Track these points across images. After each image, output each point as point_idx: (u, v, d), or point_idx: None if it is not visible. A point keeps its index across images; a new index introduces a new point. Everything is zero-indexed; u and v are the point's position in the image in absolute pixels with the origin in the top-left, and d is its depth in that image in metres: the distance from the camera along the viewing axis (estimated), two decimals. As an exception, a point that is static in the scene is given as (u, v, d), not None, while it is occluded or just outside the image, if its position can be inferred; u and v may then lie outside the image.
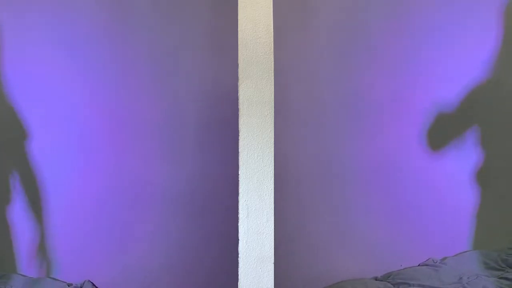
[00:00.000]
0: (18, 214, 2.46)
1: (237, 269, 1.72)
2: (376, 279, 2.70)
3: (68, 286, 2.45)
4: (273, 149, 1.73)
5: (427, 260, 2.86)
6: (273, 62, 1.71)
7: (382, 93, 2.71)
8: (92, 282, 2.47)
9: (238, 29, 1.71)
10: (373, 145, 2.72)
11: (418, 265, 2.83)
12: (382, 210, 2.77)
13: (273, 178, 1.73)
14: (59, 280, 2.48)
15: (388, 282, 2.63)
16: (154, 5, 2.42)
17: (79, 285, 2.45)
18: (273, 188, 1.72)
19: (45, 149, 2.45)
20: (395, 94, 2.75)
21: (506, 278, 2.62)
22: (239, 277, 1.72)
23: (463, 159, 2.91)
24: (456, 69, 2.82)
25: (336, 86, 2.64)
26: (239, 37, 1.71)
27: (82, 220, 2.49)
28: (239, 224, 1.72)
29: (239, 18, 1.71)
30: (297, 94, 2.57)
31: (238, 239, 1.72)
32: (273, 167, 1.73)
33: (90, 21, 2.40)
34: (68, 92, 2.43)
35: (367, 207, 2.74)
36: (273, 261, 1.72)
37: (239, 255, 1.72)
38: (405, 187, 2.81)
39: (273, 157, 1.73)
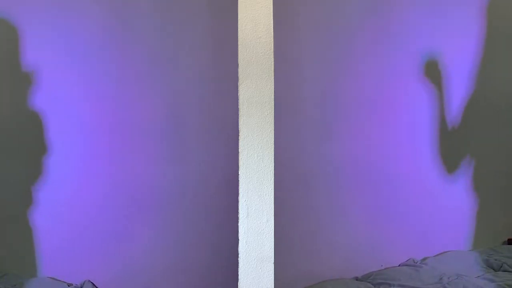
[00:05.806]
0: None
1: (237, 269, 1.61)
2: (356, 279, 2.60)
3: (68, 286, 2.31)
4: (273, 149, 1.61)
5: (407, 260, 2.76)
6: (273, 62, 1.61)
7: (377, 96, 2.65)
8: (92, 282, 2.34)
9: (238, 29, 1.60)
10: (358, 147, 2.64)
11: (399, 265, 2.73)
12: (363, 210, 2.68)
13: (273, 178, 1.61)
14: (59, 280, 2.34)
15: (369, 282, 2.51)
16: (154, 5, 2.35)
17: (79, 285, 2.32)
18: (273, 188, 1.61)
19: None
20: (392, 96, 2.70)
21: (487, 279, 2.51)
22: (239, 277, 1.61)
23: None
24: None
25: (336, 86, 2.56)
26: (239, 37, 1.60)
27: (83, 220, 2.37)
28: (239, 224, 1.60)
29: (239, 18, 1.60)
30: (297, 94, 2.49)
31: (238, 239, 1.61)
32: (273, 167, 1.61)
33: (90, 22, 2.32)
34: (67, 93, 2.33)
35: (348, 208, 2.65)
36: (273, 261, 1.61)
37: (239, 255, 1.61)
38: (385, 189, 2.73)
39: (273, 157, 1.61)
